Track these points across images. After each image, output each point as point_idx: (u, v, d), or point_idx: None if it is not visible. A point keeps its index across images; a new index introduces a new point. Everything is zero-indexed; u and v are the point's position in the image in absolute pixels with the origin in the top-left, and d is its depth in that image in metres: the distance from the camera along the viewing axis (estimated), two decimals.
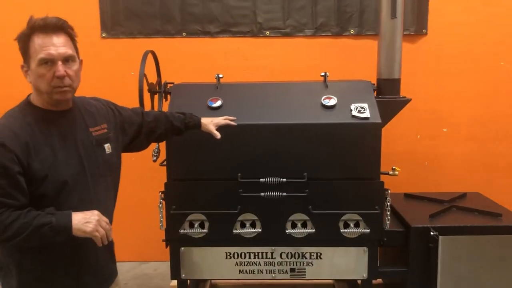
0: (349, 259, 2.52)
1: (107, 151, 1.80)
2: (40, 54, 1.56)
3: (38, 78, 1.59)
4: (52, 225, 1.51)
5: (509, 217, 2.61)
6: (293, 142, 2.44)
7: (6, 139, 1.52)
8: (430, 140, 3.77)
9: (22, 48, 1.62)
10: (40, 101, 1.65)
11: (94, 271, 1.78)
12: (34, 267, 1.65)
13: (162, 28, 3.70)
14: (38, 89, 1.62)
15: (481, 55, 3.67)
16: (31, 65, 1.60)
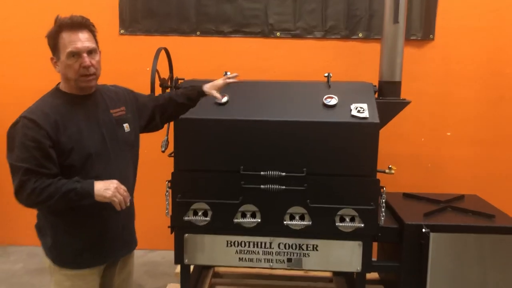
0: (344, 252, 2.63)
1: (126, 130, 2.06)
2: (68, 48, 1.83)
3: (67, 68, 1.86)
4: (77, 190, 1.77)
5: (502, 219, 2.69)
6: (294, 138, 2.56)
7: (38, 118, 1.79)
8: (434, 143, 3.85)
9: (52, 43, 1.88)
10: (67, 87, 1.93)
11: (116, 233, 2.04)
12: (65, 228, 1.92)
13: (177, 27, 3.86)
14: (66, 77, 1.90)
15: (486, 61, 3.75)
16: (60, 57, 1.86)
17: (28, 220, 4.11)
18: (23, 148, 1.77)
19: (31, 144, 1.77)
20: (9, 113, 2.21)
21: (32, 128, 1.78)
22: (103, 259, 2.05)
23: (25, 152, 1.77)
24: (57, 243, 1.94)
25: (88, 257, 1.98)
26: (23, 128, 1.79)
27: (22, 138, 1.78)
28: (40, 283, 3.53)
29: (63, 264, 1.96)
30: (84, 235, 1.96)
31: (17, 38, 3.99)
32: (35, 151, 1.77)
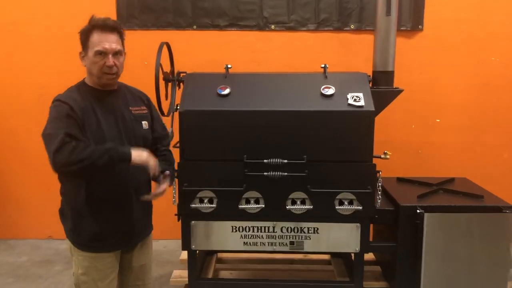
0: (343, 233, 2.77)
1: (144, 127, 2.21)
2: (97, 47, 2.01)
3: (92, 64, 2.05)
4: (117, 149, 1.96)
5: (490, 199, 2.86)
6: (294, 127, 2.68)
7: (69, 101, 2.00)
8: (424, 129, 4.01)
9: (83, 40, 2.07)
10: (91, 81, 2.12)
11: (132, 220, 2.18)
12: (84, 213, 2.08)
13: (174, 21, 3.94)
14: (91, 72, 2.09)
15: (473, 50, 3.91)
16: (88, 53, 2.05)
17: (31, 214, 4.24)
18: (58, 121, 1.94)
19: (65, 119, 1.94)
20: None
21: (64, 107, 1.97)
22: (119, 245, 2.19)
23: (60, 123, 1.94)
24: (77, 227, 2.10)
25: (105, 241, 2.12)
26: (56, 107, 1.99)
27: (56, 114, 1.96)
28: (46, 274, 3.63)
29: (82, 246, 2.11)
30: (102, 220, 2.10)
31: (16, 34, 4.04)
32: (70, 122, 1.94)
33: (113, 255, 2.17)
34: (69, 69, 4.02)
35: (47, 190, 4.21)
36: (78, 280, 2.16)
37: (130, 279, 2.35)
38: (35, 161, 4.19)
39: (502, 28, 3.86)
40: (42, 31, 4.02)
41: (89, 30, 2.03)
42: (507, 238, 2.72)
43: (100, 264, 2.14)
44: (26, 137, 4.16)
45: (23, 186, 4.25)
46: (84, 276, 2.14)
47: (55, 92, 4.14)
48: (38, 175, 4.21)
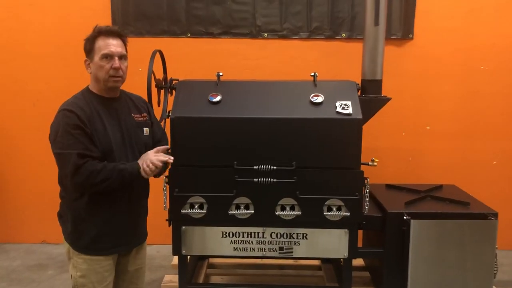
0: (332, 239, 2.81)
1: (145, 134, 2.30)
2: (103, 51, 2.09)
3: (98, 69, 2.11)
4: (128, 171, 2.07)
5: (476, 206, 2.91)
6: (284, 134, 2.73)
7: (76, 110, 2.04)
8: (414, 137, 4.07)
9: (88, 47, 2.13)
10: (96, 88, 2.18)
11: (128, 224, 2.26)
12: (83, 216, 2.14)
13: (168, 29, 4.00)
14: (97, 78, 2.14)
15: (463, 59, 3.97)
16: (94, 59, 2.11)
17: (25, 219, 4.27)
18: (68, 135, 2.00)
19: (74, 131, 2.00)
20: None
21: (72, 117, 2.01)
22: (116, 248, 2.24)
23: (70, 138, 1.99)
24: (76, 230, 2.15)
25: (104, 244, 2.18)
26: (64, 118, 2.02)
27: (65, 127, 2.01)
28: (39, 278, 3.65)
29: (81, 249, 2.16)
30: (102, 223, 2.16)
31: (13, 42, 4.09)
32: (79, 136, 2.00)
33: (110, 258, 2.23)
34: (65, 75, 4.09)
35: (41, 195, 4.26)
36: (77, 282, 2.20)
37: (125, 283, 2.41)
38: (30, 166, 4.23)
39: (491, 37, 3.93)
40: (39, 38, 4.07)
41: (94, 36, 2.10)
42: (492, 244, 2.76)
43: (98, 267, 2.18)
44: (22, 143, 4.20)
45: (18, 191, 4.29)
46: (82, 279, 2.19)
47: (51, 97, 4.22)
48: (33, 180, 4.25)
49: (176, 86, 2.95)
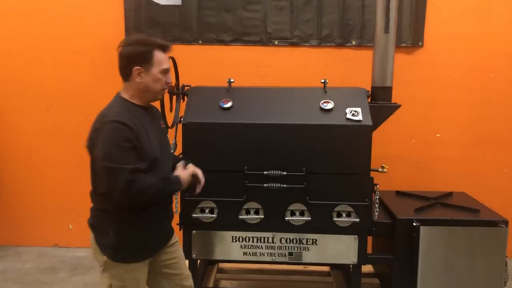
0: (341, 245, 2.83)
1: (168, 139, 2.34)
2: (164, 65, 2.11)
3: (156, 81, 2.10)
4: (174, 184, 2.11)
5: (486, 213, 2.91)
6: (294, 140, 2.76)
7: (129, 122, 1.98)
8: (424, 144, 4.06)
9: (144, 57, 2.06)
10: (138, 98, 2.13)
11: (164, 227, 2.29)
12: (128, 225, 2.09)
13: (180, 36, 4.05)
14: (148, 88, 2.11)
15: (473, 66, 3.96)
16: (151, 71, 2.08)
17: (37, 222, 4.33)
18: (119, 149, 1.93)
19: (125, 145, 1.94)
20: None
21: (124, 130, 1.95)
22: (155, 250, 2.25)
23: (121, 152, 1.93)
24: (120, 242, 2.08)
25: (144, 250, 2.17)
26: (116, 130, 1.95)
27: (116, 139, 1.94)
28: (51, 281, 3.70)
29: (123, 259, 2.11)
30: (143, 232, 2.14)
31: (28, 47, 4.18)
32: (129, 151, 1.95)
33: (147, 262, 2.22)
34: (79, 81, 4.16)
35: (54, 199, 4.32)
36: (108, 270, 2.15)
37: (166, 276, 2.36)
38: (43, 170, 4.29)
39: (501, 45, 3.92)
40: (52, 44, 4.15)
41: (151, 49, 2.08)
42: (503, 252, 2.76)
43: (137, 273, 2.16)
44: (35, 147, 4.27)
45: (31, 194, 4.35)
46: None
47: (65, 103, 4.27)
48: (45, 184, 4.31)
49: (188, 92, 3.00)
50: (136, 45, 2.09)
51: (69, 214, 4.33)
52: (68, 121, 4.20)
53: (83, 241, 4.34)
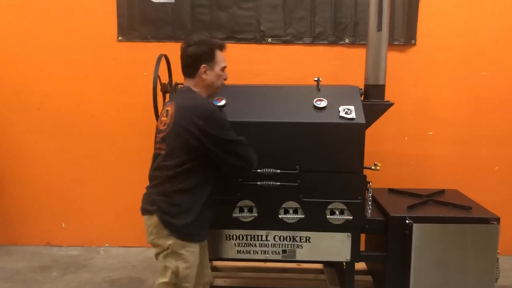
0: (334, 243, 2.83)
1: None
2: (224, 63, 2.44)
3: (218, 77, 2.42)
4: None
5: (478, 210, 2.92)
6: (287, 138, 2.76)
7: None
8: (416, 142, 4.09)
9: (209, 56, 2.37)
10: (205, 92, 2.44)
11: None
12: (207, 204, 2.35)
13: (173, 34, 4.04)
14: (212, 84, 2.42)
15: (465, 65, 3.99)
16: (214, 68, 2.39)
17: (30, 221, 4.31)
18: (231, 128, 2.32)
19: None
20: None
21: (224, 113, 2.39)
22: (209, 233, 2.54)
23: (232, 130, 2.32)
24: (199, 220, 2.31)
25: (207, 231, 2.46)
26: (223, 115, 2.34)
27: (226, 122, 2.31)
28: (44, 280, 3.68)
29: (193, 237, 2.33)
30: (212, 211, 2.42)
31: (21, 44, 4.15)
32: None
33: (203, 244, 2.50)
34: (71, 78, 4.14)
35: (46, 198, 4.30)
36: (183, 274, 2.31)
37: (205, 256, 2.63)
38: (35, 168, 4.27)
39: (493, 44, 3.95)
40: (45, 41, 4.12)
41: (214, 49, 2.37)
42: (494, 249, 2.78)
43: (197, 255, 2.38)
44: (27, 145, 4.24)
45: (23, 193, 4.32)
46: (188, 270, 2.33)
47: (57, 100, 4.24)
48: (37, 183, 4.29)
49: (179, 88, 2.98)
50: (199, 45, 2.35)
51: (62, 213, 4.31)
52: (60, 119, 4.18)
53: (76, 240, 4.33)
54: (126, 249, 4.30)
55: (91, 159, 4.21)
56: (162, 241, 2.29)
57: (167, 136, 2.29)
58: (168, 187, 2.29)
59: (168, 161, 2.28)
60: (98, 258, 4.12)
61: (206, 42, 2.37)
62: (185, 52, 2.38)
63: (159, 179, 2.32)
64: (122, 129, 4.18)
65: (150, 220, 2.31)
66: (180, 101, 2.35)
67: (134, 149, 4.16)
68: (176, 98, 2.44)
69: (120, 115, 4.16)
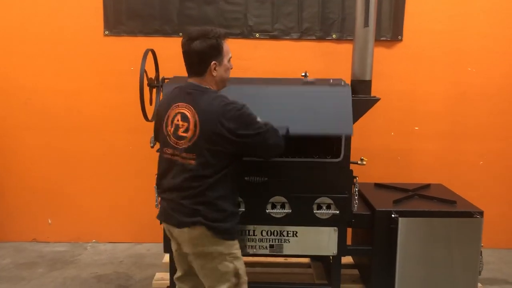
0: (321, 237, 2.85)
1: None
2: (230, 53, 2.28)
3: (227, 71, 2.29)
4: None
5: (462, 204, 2.97)
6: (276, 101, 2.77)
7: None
8: (403, 137, 4.13)
9: (217, 51, 2.20)
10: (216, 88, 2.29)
11: None
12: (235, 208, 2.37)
13: (160, 28, 4.02)
14: (222, 79, 2.28)
15: (451, 60, 4.04)
16: (223, 62, 2.24)
17: (15, 217, 4.26)
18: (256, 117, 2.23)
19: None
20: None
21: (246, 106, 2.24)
22: None
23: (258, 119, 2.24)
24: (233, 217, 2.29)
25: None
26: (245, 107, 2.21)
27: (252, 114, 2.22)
28: (30, 276, 3.65)
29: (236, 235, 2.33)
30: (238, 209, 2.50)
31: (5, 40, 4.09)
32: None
33: None
34: (57, 73, 4.09)
35: (32, 193, 4.26)
36: (242, 270, 2.33)
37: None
38: (21, 164, 4.23)
39: (479, 39, 4.00)
40: (30, 35, 4.07)
41: (221, 41, 2.20)
42: (478, 242, 2.83)
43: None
44: (12, 141, 4.20)
45: (9, 189, 4.28)
46: (243, 265, 2.34)
47: (43, 95, 4.19)
48: (23, 178, 4.25)
49: (166, 83, 2.97)
50: (204, 39, 2.16)
51: (48, 208, 4.28)
52: (46, 115, 4.14)
53: (62, 236, 4.30)
54: (113, 245, 4.29)
55: (78, 154, 4.19)
56: (213, 249, 2.21)
57: (196, 144, 2.14)
58: (211, 195, 2.18)
59: (205, 170, 2.16)
60: (85, 254, 4.10)
61: (211, 34, 2.17)
62: (189, 48, 2.19)
63: (197, 188, 2.17)
64: (110, 125, 4.15)
65: (193, 232, 2.19)
66: (201, 103, 2.16)
67: (122, 144, 4.14)
68: (191, 99, 2.20)
69: (107, 110, 4.13)
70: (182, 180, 2.18)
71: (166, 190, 2.28)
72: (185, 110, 2.17)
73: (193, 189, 2.17)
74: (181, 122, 2.17)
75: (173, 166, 2.22)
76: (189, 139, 2.14)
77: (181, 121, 2.17)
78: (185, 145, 2.15)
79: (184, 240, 2.26)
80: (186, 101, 2.19)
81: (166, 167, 2.27)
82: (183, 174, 2.18)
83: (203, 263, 2.27)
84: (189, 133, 2.14)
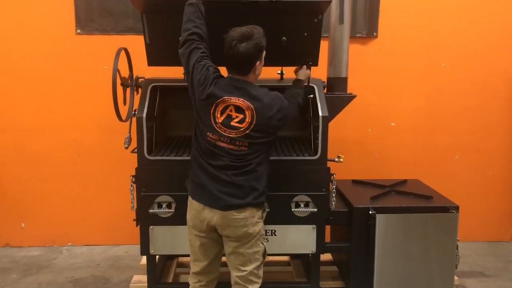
0: (300, 235, 2.85)
1: None
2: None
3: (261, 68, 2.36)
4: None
5: (438, 199, 3.01)
6: None
7: None
8: (379, 133, 4.15)
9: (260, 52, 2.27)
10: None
11: None
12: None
13: (134, 26, 3.93)
14: (259, 75, 2.39)
15: (425, 56, 4.07)
16: (262, 60, 2.32)
17: None
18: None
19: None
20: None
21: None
22: None
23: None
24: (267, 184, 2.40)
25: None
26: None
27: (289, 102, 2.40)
28: (2, 282, 3.55)
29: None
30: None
31: None
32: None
33: None
34: (26, 71, 3.97)
35: (4, 197, 4.14)
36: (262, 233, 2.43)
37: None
38: None
39: (452, 36, 4.04)
40: (1, 34, 3.93)
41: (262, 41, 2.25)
42: (454, 236, 2.87)
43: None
44: None
45: None
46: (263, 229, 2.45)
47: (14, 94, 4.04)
48: None
49: (142, 84, 2.92)
50: (249, 41, 2.20)
51: (21, 212, 4.16)
52: (18, 115, 4.02)
53: (36, 240, 4.19)
54: (89, 248, 4.20)
55: (51, 156, 4.08)
56: (254, 229, 2.34)
57: (253, 132, 2.24)
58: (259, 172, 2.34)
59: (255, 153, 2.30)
60: (61, 258, 4.00)
61: (255, 36, 2.22)
62: (237, 51, 2.21)
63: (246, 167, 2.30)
64: (83, 125, 4.06)
65: (241, 213, 2.30)
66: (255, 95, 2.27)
67: (95, 144, 4.05)
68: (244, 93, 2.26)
69: (80, 110, 4.03)
70: (232, 160, 2.28)
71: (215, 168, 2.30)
72: (240, 102, 2.24)
73: (245, 167, 2.30)
74: (235, 113, 2.25)
75: (220, 150, 2.28)
76: (245, 129, 2.24)
77: (235, 112, 2.25)
78: (239, 134, 2.25)
79: (228, 223, 2.30)
80: (239, 95, 2.26)
81: (212, 150, 2.30)
82: (233, 157, 2.28)
83: (240, 244, 2.36)
84: (244, 124, 2.23)
